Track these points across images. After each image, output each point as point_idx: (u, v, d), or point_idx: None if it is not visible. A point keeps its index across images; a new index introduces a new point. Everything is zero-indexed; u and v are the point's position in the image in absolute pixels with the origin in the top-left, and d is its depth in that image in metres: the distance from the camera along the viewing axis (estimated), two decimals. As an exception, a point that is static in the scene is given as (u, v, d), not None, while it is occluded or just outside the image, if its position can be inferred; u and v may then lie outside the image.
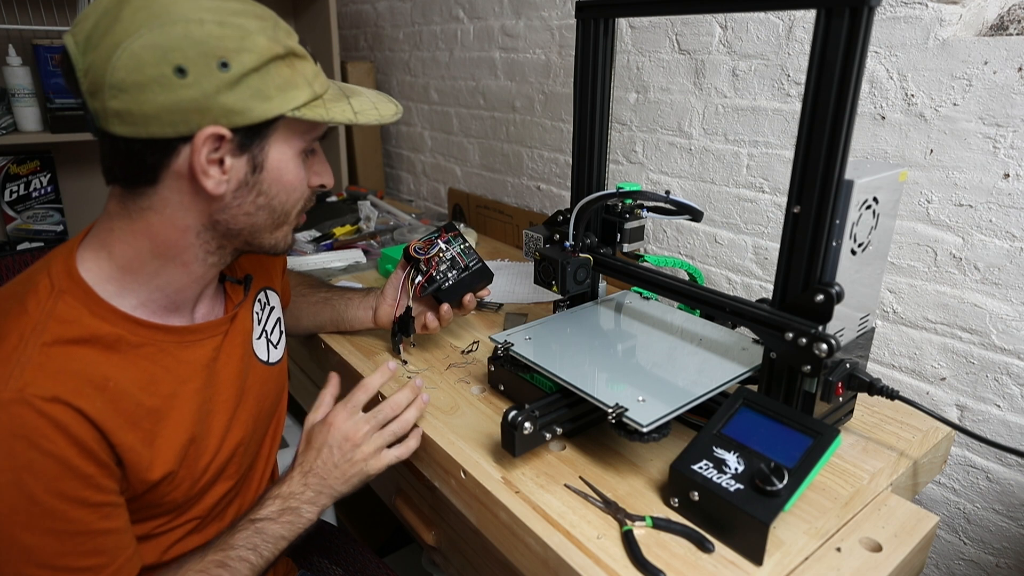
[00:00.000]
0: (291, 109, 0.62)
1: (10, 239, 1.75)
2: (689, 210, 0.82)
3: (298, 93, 0.62)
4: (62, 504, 0.57)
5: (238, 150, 0.61)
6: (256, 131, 0.62)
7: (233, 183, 0.63)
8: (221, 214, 0.65)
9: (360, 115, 0.67)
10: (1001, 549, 0.96)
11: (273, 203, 0.67)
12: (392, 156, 2.25)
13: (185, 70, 0.56)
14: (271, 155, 0.64)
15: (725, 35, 1.11)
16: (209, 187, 0.61)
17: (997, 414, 0.92)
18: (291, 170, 0.66)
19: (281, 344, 0.87)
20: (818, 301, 0.66)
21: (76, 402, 0.57)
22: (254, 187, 0.65)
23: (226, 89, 0.58)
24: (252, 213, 0.66)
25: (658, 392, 0.72)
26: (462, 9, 1.71)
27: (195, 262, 0.67)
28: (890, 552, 0.62)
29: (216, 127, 0.58)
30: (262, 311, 0.83)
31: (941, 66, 0.88)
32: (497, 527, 0.70)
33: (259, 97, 0.60)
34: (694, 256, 1.27)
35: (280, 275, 0.92)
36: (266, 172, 0.65)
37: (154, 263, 0.65)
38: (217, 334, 0.74)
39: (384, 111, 0.70)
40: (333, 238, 1.54)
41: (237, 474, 0.77)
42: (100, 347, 0.62)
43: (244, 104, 0.59)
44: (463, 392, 0.89)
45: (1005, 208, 0.86)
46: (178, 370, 0.68)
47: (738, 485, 0.61)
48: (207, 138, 0.59)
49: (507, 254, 1.52)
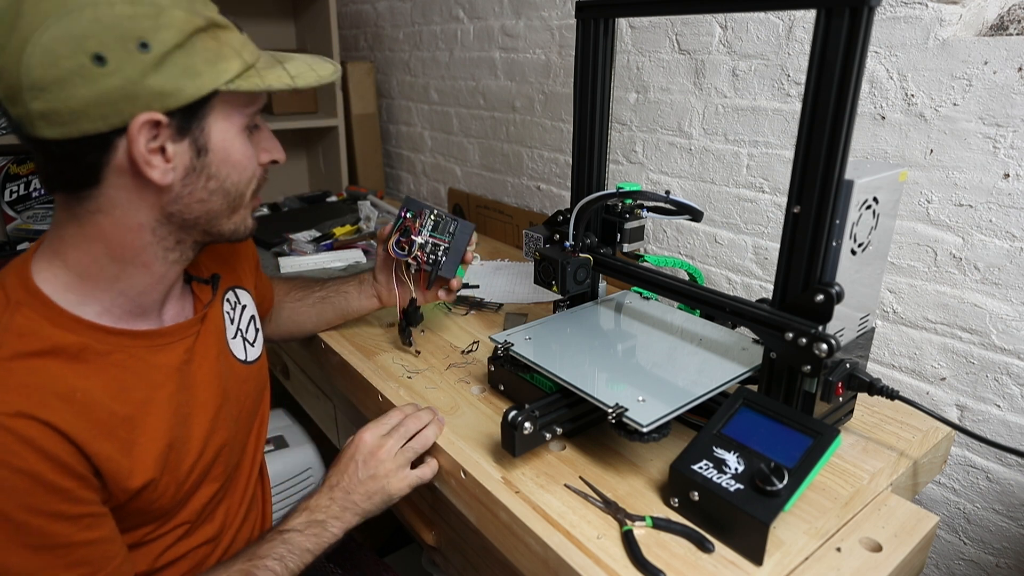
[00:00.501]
0: (224, 82, 0.59)
1: (10, 239, 1.75)
2: (689, 210, 0.82)
3: (228, 65, 0.59)
4: (37, 519, 0.55)
5: (178, 135, 0.59)
6: (192, 111, 0.59)
7: (180, 170, 0.60)
8: (173, 205, 0.62)
9: (298, 78, 0.64)
10: (1001, 549, 0.96)
11: (225, 185, 0.64)
12: (392, 156, 2.25)
13: (104, 57, 0.53)
14: (213, 135, 0.61)
15: (725, 35, 1.11)
16: (155, 178, 0.58)
17: (997, 414, 0.92)
18: (237, 148, 0.64)
19: (258, 342, 0.85)
20: (818, 301, 0.66)
21: (43, 415, 0.55)
22: (202, 171, 0.62)
23: (151, 71, 0.55)
24: (205, 199, 0.64)
25: (658, 392, 0.72)
26: (462, 9, 1.71)
27: (155, 261, 0.65)
28: (890, 552, 0.62)
29: (149, 113, 0.56)
30: (233, 310, 0.82)
31: (941, 66, 0.88)
32: (497, 527, 0.70)
33: (188, 74, 0.57)
34: (694, 256, 1.27)
35: (251, 273, 0.90)
36: (212, 154, 0.62)
37: (112, 267, 0.63)
38: (188, 335, 0.72)
39: (322, 71, 0.67)
40: (333, 238, 1.54)
41: (223, 475, 0.75)
42: (64, 358, 0.59)
43: (174, 84, 0.56)
44: (463, 392, 0.89)
45: (1005, 208, 0.86)
46: (150, 375, 0.66)
47: (738, 485, 0.61)
48: (142, 126, 0.56)
49: (507, 254, 1.52)
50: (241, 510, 0.81)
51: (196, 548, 0.74)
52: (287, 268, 1.39)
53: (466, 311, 1.16)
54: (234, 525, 0.80)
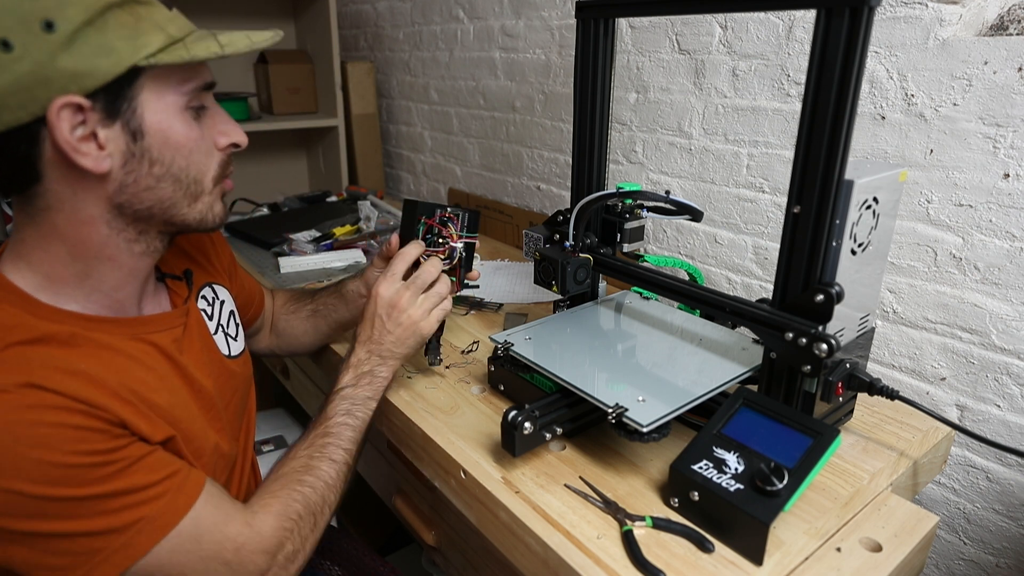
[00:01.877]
0: (144, 57, 0.56)
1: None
2: (689, 210, 0.82)
3: (148, 39, 0.57)
4: (98, 457, 0.55)
5: (107, 118, 0.57)
6: (117, 91, 0.57)
7: (117, 157, 0.58)
8: (120, 195, 0.60)
9: (228, 46, 0.61)
10: (1001, 549, 0.96)
11: (172, 170, 0.62)
12: (392, 156, 2.25)
13: (8, 42, 0.51)
14: (147, 116, 0.59)
15: (725, 35, 1.11)
16: (88, 165, 0.57)
17: (997, 414, 0.92)
18: (178, 129, 0.61)
19: (240, 337, 0.85)
20: (818, 301, 0.66)
21: (51, 385, 0.54)
22: (143, 157, 0.60)
23: (60, 51, 0.53)
24: (153, 187, 0.61)
25: (658, 392, 0.72)
26: (462, 9, 1.71)
27: (120, 254, 0.64)
28: (890, 552, 0.62)
29: (66, 96, 0.54)
30: (211, 306, 0.81)
31: (941, 66, 0.88)
32: (497, 527, 0.70)
33: (102, 52, 0.54)
34: (694, 256, 1.27)
35: (225, 271, 0.88)
36: (148, 136, 0.59)
37: (76, 265, 0.62)
38: (175, 326, 0.71)
39: (257, 38, 0.64)
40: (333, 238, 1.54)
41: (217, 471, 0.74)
42: (56, 344, 0.58)
43: (88, 63, 0.54)
44: (463, 392, 0.89)
45: (1005, 208, 0.86)
46: (142, 359, 0.65)
47: (738, 485, 0.61)
48: (60, 110, 0.54)
49: (507, 254, 1.52)
50: None
51: None
52: (287, 268, 1.39)
53: (466, 311, 1.16)
54: None
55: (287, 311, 1.02)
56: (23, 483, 0.52)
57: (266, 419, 1.47)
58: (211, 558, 0.61)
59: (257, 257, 1.48)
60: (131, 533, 0.57)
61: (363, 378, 0.79)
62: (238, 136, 0.68)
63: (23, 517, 0.53)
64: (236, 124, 0.68)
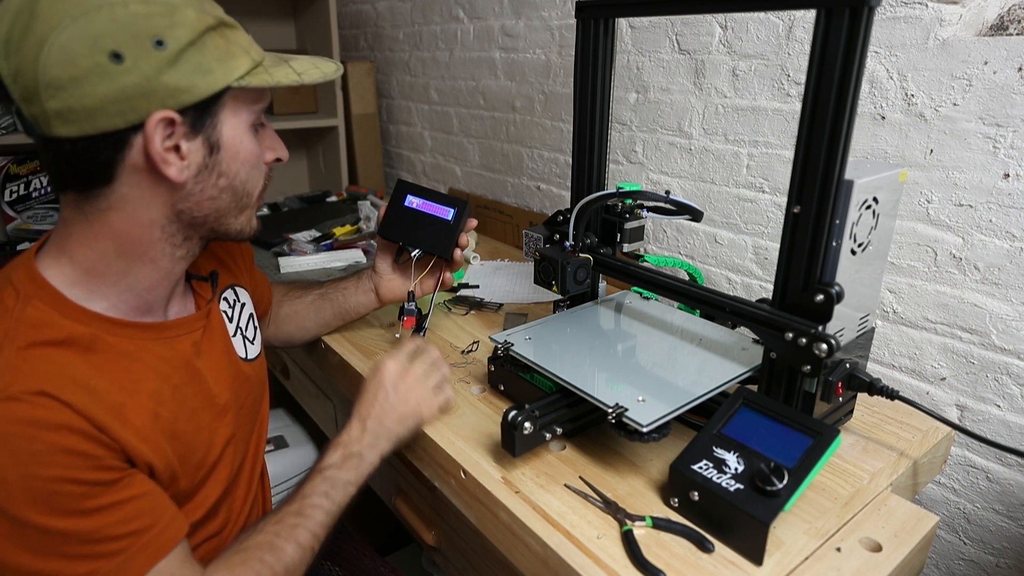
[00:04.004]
0: (235, 79, 0.61)
1: (10, 239, 1.75)
2: (689, 210, 0.82)
3: (238, 63, 0.61)
4: (80, 488, 0.56)
5: (192, 132, 0.60)
6: (205, 109, 0.60)
7: (193, 168, 0.62)
8: (184, 202, 0.63)
9: (304, 75, 0.67)
10: (1001, 549, 0.96)
11: (235, 183, 0.66)
12: (392, 156, 2.25)
13: (121, 55, 0.54)
14: (224, 132, 0.63)
15: (725, 35, 1.11)
16: (172, 175, 0.60)
17: (997, 414, 0.92)
18: (247, 145, 0.66)
19: (257, 340, 0.86)
20: (818, 301, 0.66)
21: (63, 396, 0.55)
22: (214, 169, 0.63)
23: (167, 67, 0.56)
24: (216, 197, 0.65)
25: (658, 392, 0.72)
26: (462, 9, 1.71)
27: (163, 257, 0.66)
28: (890, 552, 0.62)
29: (165, 111, 0.57)
30: (231, 308, 0.82)
31: (941, 66, 0.88)
32: (497, 527, 0.70)
33: (201, 72, 0.58)
34: (694, 256, 1.27)
35: (247, 272, 0.90)
36: (223, 151, 0.63)
37: (120, 263, 0.64)
38: (195, 329, 0.73)
39: (326, 68, 0.69)
40: (333, 238, 1.54)
41: (229, 472, 0.76)
42: (77, 348, 0.60)
43: (188, 81, 0.58)
44: (463, 392, 0.89)
45: (1005, 208, 0.86)
46: (159, 367, 0.66)
47: (738, 485, 0.61)
48: (158, 123, 0.57)
49: (507, 254, 1.52)
50: (244, 509, 0.81)
51: (202, 543, 0.74)
52: (287, 268, 1.39)
53: (466, 311, 1.16)
54: (238, 524, 0.80)
55: (291, 298, 1.03)
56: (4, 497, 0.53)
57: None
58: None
59: (257, 257, 1.47)
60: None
61: (350, 460, 0.76)
62: (282, 152, 0.72)
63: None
64: (281, 141, 0.72)
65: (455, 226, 0.92)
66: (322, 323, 1.04)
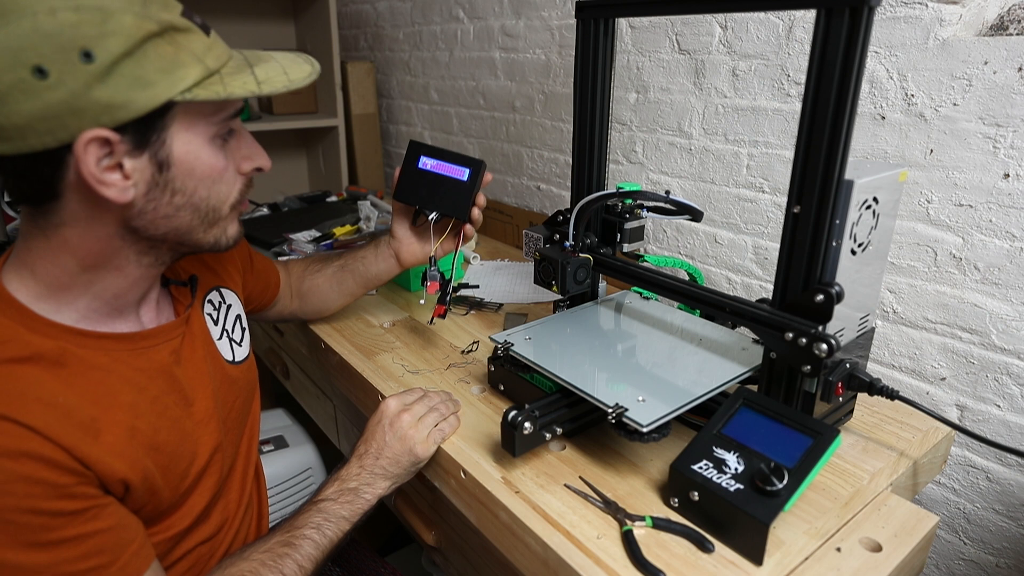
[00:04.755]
0: (180, 92, 0.55)
1: (10, 239, 1.75)
2: (689, 210, 0.82)
3: (186, 72, 0.55)
4: (39, 518, 0.53)
5: (135, 149, 0.55)
6: (148, 124, 0.55)
7: (142, 186, 0.57)
8: (137, 220, 0.59)
9: (265, 84, 0.60)
10: (1001, 549, 0.96)
11: (193, 200, 0.61)
12: (392, 156, 2.25)
13: (45, 70, 0.50)
14: (175, 148, 0.58)
15: (725, 35, 1.11)
16: (111, 196, 0.55)
17: (997, 414, 0.92)
18: (204, 160, 0.60)
19: (245, 341, 0.84)
20: (818, 301, 0.66)
21: (26, 420, 0.53)
22: (166, 187, 0.59)
23: (96, 83, 0.51)
24: (171, 215, 0.60)
25: (658, 392, 0.72)
26: (462, 9, 1.71)
27: (128, 264, 0.63)
28: (890, 552, 0.62)
29: (95, 130, 0.52)
30: (216, 311, 0.80)
31: (941, 66, 0.88)
32: (497, 527, 0.70)
33: (138, 85, 0.53)
34: (694, 256, 1.27)
35: (236, 272, 0.87)
36: (175, 168, 0.58)
37: (84, 275, 0.61)
38: (173, 337, 0.70)
39: (295, 75, 0.63)
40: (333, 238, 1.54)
41: (218, 478, 0.74)
42: (44, 364, 0.57)
43: (123, 96, 0.52)
44: (463, 392, 0.89)
45: (1005, 208, 0.86)
46: (134, 378, 0.64)
47: (738, 485, 0.61)
48: (88, 144, 0.53)
49: (507, 254, 1.52)
50: (239, 512, 0.81)
51: (195, 548, 0.74)
52: (287, 268, 1.38)
53: (466, 311, 1.16)
54: (233, 527, 0.79)
55: (311, 272, 1.03)
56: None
57: (266, 419, 1.47)
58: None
59: (257, 257, 1.48)
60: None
61: (345, 495, 0.75)
62: (262, 160, 0.67)
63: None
64: (260, 148, 0.67)
65: (471, 186, 0.90)
66: (347, 293, 1.04)
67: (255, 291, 0.93)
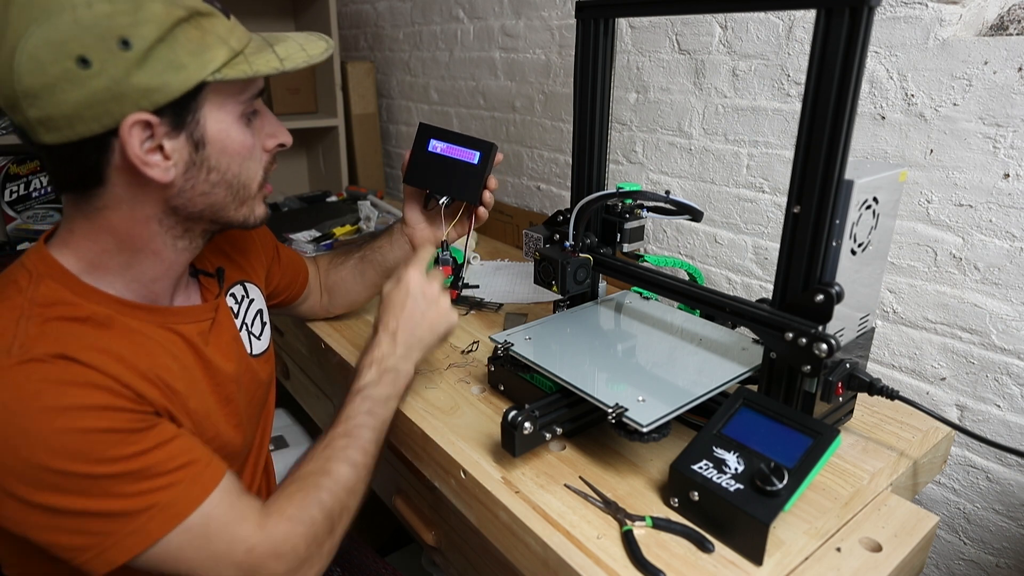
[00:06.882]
0: (211, 72, 0.59)
1: (10, 239, 1.75)
2: (689, 210, 0.82)
3: (214, 54, 0.59)
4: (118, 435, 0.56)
5: (173, 131, 0.59)
6: (183, 105, 0.59)
7: (180, 166, 0.61)
8: (177, 199, 0.63)
9: (287, 61, 0.64)
10: (1001, 549, 0.96)
11: (227, 177, 0.65)
12: (392, 156, 2.25)
13: (87, 59, 0.53)
14: (209, 127, 0.62)
15: (725, 35, 1.11)
16: (156, 176, 0.59)
17: (997, 414, 0.92)
18: (235, 137, 0.64)
19: (264, 336, 0.86)
20: (818, 301, 0.66)
21: (84, 359, 0.56)
22: (202, 165, 0.63)
23: (135, 68, 0.55)
24: (208, 192, 0.65)
25: (658, 392, 0.72)
26: (462, 9, 1.71)
27: (165, 249, 0.67)
28: (890, 552, 0.62)
29: (137, 114, 0.56)
30: (238, 304, 0.82)
31: (941, 66, 0.88)
32: (497, 527, 0.70)
33: (173, 68, 0.57)
34: (694, 256, 1.27)
35: (261, 266, 0.90)
36: (210, 146, 0.62)
37: (122, 256, 0.64)
38: (202, 320, 0.73)
39: (312, 50, 0.67)
40: (333, 238, 1.54)
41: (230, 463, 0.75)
42: (93, 324, 0.61)
43: (160, 80, 0.56)
44: (463, 392, 0.89)
45: (1005, 208, 0.86)
46: (170, 347, 0.67)
47: (738, 485, 0.61)
48: (132, 127, 0.56)
49: (507, 254, 1.52)
50: None
51: None
52: (287, 268, 1.38)
53: (466, 311, 1.16)
54: None
55: (334, 266, 1.04)
56: (43, 453, 0.53)
57: (266, 419, 1.47)
58: (221, 557, 0.61)
59: (257, 257, 1.48)
60: (143, 519, 0.57)
61: (386, 375, 0.77)
62: (284, 137, 0.71)
63: (41, 488, 0.54)
64: (282, 125, 0.71)
65: (482, 169, 0.90)
66: (370, 285, 1.05)
67: (282, 284, 0.95)
